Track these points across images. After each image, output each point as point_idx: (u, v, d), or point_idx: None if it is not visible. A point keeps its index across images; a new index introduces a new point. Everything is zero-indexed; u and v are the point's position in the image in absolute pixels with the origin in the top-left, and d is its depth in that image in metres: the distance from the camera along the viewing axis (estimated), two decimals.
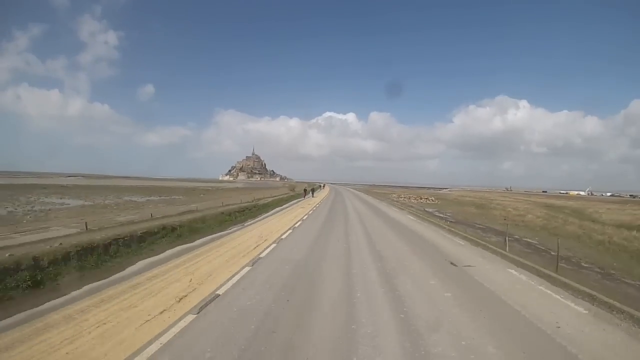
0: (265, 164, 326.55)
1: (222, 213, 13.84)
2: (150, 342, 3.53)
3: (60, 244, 6.58)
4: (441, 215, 22.33)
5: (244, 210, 15.93)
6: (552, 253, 8.80)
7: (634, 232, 15.03)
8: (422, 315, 4.45)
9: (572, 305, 5.09)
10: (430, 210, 27.04)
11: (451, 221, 17.99)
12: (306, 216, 16.58)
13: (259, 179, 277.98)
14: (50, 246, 6.44)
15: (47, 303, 4.63)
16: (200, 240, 9.68)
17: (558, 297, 5.48)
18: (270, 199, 25.14)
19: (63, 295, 4.92)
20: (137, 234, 8.22)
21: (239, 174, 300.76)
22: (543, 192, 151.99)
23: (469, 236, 11.90)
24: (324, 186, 73.13)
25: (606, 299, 5.14)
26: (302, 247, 8.89)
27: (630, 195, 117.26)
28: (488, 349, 3.59)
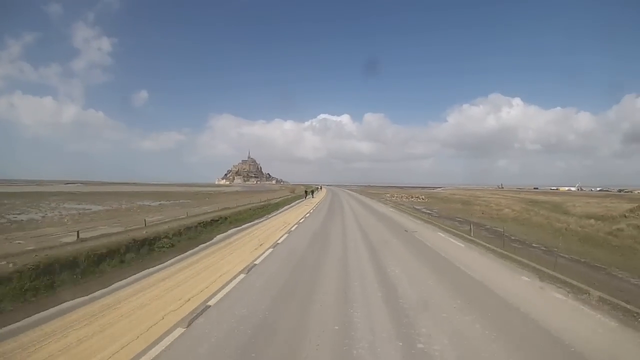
0: (261, 168, 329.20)
1: (250, 209, 17.00)
2: (257, 258, 7.29)
3: (169, 227, 9.81)
4: (427, 211, 25.70)
5: (263, 207, 19.19)
6: (513, 237, 12.05)
7: (592, 221, 18.34)
8: (387, 255, 7.87)
9: (496, 263, 7.77)
10: (419, 207, 30.38)
11: (435, 215, 21.30)
12: (313, 210, 20.53)
13: (255, 182, 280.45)
14: (163, 228, 9.67)
15: (183, 254, 8.15)
16: (246, 224, 13.60)
17: (497, 265, 7.71)
18: (278, 200, 28.48)
19: (188, 251, 8.50)
20: (206, 221, 11.57)
21: (235, 177, 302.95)
22: (534, 188, 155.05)
23: (443, 226, 15.15)
24: (321, 188, 76.42)
25: (533, 264, 7.32)
26: (315, 225, 13.27)
27: (618, 190, 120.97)
28: (429, 282, 6.53)
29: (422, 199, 42.06)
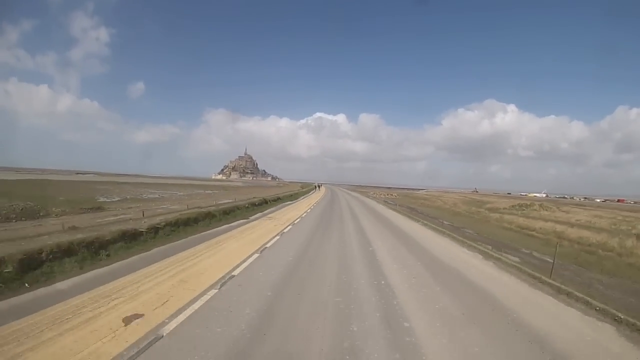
0: (257, 164, 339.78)
1: (279, 198, 30.06)
2: (305, 211, 20.30)
3: (237, 201, 23.09)
4: (391, 202, 39.37)
5: (291, 196, 32.41)
6: (424, 214, 25.69)
7: (483, 209, 32.25)
8: (357, 210, 21.34)
9: (419, 224, 21.72)
10: (388, 200, 44.15)
11: (391, 203, 34.94)
12: (323, 195, 34.86)
13: (251, 178, 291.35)
14: (232, 204, 22.92)
15: (249, 217, 21.20)
16: (281, 204, 26.43)
17: (404, 217, 22.33)
18: (297, 191, 42.09)
19: (251, 216, 21.31)
20: (254, 202, 24.67)
21: (232, 173, 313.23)
22: (507, 194, 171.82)
23: (388, 206, 28.85)
24: (321, 185, 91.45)
25: (423, 221, 21.46)
26: (325, 203, 27.23)
27: (584, 198, 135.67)
28: (370, 217, 20.22)
29: (395, 196, 55.92)
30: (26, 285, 5.56)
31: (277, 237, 11.34)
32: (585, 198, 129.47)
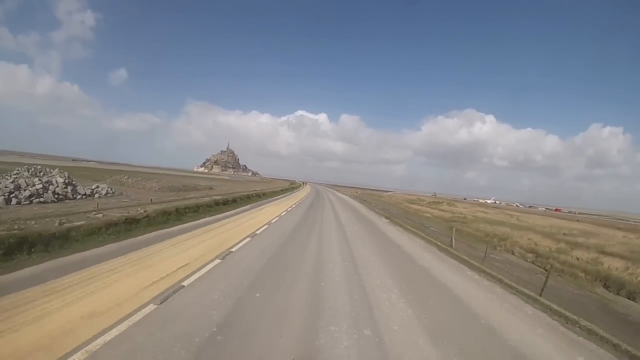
0: (238, 159, 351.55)
1: (283, 189, 48.79)
2: (305, 196, 39.58)
3: (270, 191, 42.12)
4: (352, 197, 59.33)
5: (294, 188, 51.38)
6: (370, 203, 45.56)
7: (415, 206, 52.89)
8: (330, 197, 40.85)
9: (361, 205, 41.63)
10: (353, 195, 64.29)
11: (351, 197, 54.95)
12: (312, 188, 54.57)
13: (232, 173, 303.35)
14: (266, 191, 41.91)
15: (280, 196, 40.36)
16: (290, 192, 45.51)
17: (359, 204, 42.09)
18: (290, 186, 61.06)
19: (282, 196, 40.56)
20: (276, 190, 43.67)
21: (214, 166, 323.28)
22: (464, 199, 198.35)
23: (355, 201, 48.75)
24: (305, 184, 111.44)
25: (365, 205, 41.34)
26: (313, 192, 47.16)
27: (529, 205, 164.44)
28: (333, 199, 39.75)
29: (359, 193, 76.30)
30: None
31: (307, 193, 30.53)
32: (530, 206, 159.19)
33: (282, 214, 19.47)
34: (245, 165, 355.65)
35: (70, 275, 5.75)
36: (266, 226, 14.04)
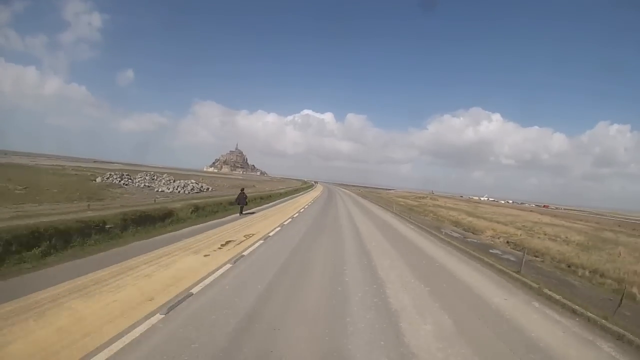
0: (247, 159, 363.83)
1: (301, 188, 60.59)
2: (320, 193, 51.67)
3: (292, 187, 54.17)
4: (353, 193, 71.00)
5: (303, 188, 63.33)
6: (367, 198, 57.27)
7: (411, 201, 64.40)
8: (338, 193, 52.90)
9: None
10: (357, 194, 76.07)
11: (355, 194, 66.66)
12: (324, 187, 66.74)
13: (242, 172, 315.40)
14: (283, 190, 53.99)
15: (308, 190, 52.45)
16: (308, 190, 57.83)
17: (363, 198, 53.82)
18: (304, 185, 73.05)
19: (310, 191, 52.55)
20: (299, 187, 55.61)
21: (223, 166, 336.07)
22: (460, 196, 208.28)
23: (359, 197, 60.63)
24: (317, 182, 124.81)
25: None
26: (326, 189, 61.48)
27: (521, 202, 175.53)
28: (342, 193, 51.58)
29: (362, 191, 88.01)
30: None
31: (322, 190, 42.49)
32: (522, 203, 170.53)
33: (317, 197, 31.56)
34: (253, 165, 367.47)
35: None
36: (311, 201, 26.22)
